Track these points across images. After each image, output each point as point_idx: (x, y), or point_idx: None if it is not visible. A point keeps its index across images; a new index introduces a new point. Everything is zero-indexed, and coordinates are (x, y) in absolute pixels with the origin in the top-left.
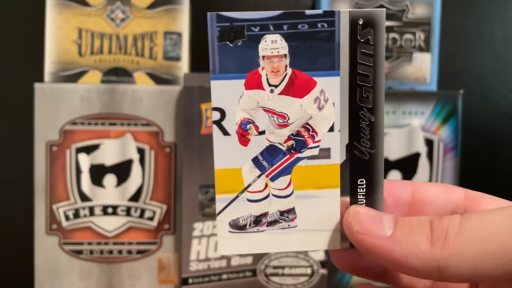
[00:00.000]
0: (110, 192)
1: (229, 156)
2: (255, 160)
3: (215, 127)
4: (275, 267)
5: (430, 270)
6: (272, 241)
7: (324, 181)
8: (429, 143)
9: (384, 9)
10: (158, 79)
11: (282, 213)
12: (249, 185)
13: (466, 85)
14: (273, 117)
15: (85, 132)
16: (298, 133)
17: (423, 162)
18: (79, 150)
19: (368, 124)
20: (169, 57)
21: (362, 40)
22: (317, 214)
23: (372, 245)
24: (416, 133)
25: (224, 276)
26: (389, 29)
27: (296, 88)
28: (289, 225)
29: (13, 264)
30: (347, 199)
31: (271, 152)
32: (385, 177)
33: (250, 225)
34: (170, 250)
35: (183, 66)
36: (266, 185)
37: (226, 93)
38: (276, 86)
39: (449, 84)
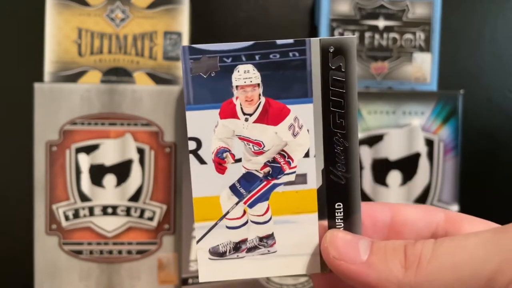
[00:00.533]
0: (110, 192)
1: (207, 184)
2: (232, 188)
3: (191, 156)
4: None
5: None
6: (252, 267)
7: (301, 206)
8: (429, 143)
9: (355, 36)
10: (158, 79)
11: (261, 239)
12: (228, 212)
13: (466, 85)
14: (249, 145)
15: (85, 132)
16: (274, 160)
17: (423, 162)
18: (79, 150)
19: (343, 149)
20: (169, 57)
21: (334, 67)
22: (296, 239)
23: (348, 270)
24: (416, 133)
25: None
26: (389, 29)
27: (270, 116)
28: (268, 251)
29: (13, 264)
30: (325, 223)
31: (248, 179)
32: (384, 178)
33: (230, 251)
34: (170, 250)
35: None
36: (245, 212)
37: (201, 123)
38: (250, 115)
39: (449, 84)
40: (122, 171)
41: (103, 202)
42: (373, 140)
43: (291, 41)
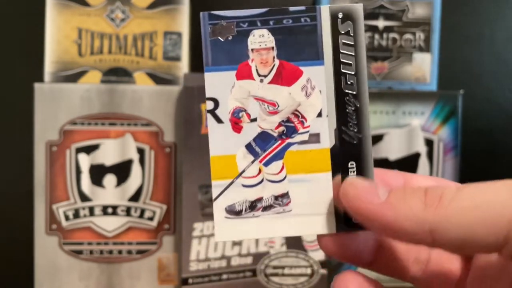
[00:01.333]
0: (110, 192)
1: (224, 143)
2: (248, 146)
3: (209, 115)
4: (275, 267)
5: (422, 233)
6: (268, 226)
7: (315, 165)
8: (429, 143)
9: (361, 4)
10: (158, 79)
11: (276, 197)
12: (243, 170)
13: (466, 85)
14: (264, 105)
15: (85, 132)
16: (288, 120)
17: (423, 162)
18: (79, 150)
19: (354, 109)
20: (169, 57)
21: (343, 32)
22: (310, 198)
23: (366, 210)
24: (416, 133)
25: (224, 276)
26: (389, 29)
27: (284, 77)
28: (283, 210)
29: (13, 264)
30: (339, 180)
31: (263, 138)
32: None
33: (245, 210)
34: (170, 250)
35: (183, 66)
36: (260, 171)
37: (219, 84)
38: (265, 76)
39: (449, 84)
40: (122, 171)
41: (103, 202)
42: (373, 140)
43: (302, 8)
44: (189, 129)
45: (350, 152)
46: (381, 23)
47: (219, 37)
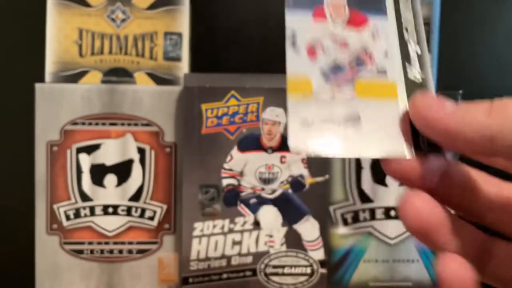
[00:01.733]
0: (110, 192)
1: (299, 67)
2: (322, 72)
3: (288, 43)
4: (275, 267)
5: (482, 140)
6: (341, 145)
7: (383, 94)
8: None
9: None
10: (158, 79)
11: (347, 118)
12: (318, 92)
13: (465, 85)
14: (336, 43)
15: (85, 132)
16: (358, 55)
17: None
18: (79, 150)
19: (417, 55)
20: (170, 58)
21: None
22: (380, 122)
23: (432, 119)
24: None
25: (224, 276)
26: None
27: (353, 22)
28: (354, 130)
29: (14, 264)
30: (406, 105)
31: (335, 66)
32: (384, 178)
33: (318, 123)
34: (170, 249)
35: (183, 66)
36: (333, 93)
37: (297, 19)
38: (339, 21)
39: (448, 84)
40: (122, 171)
41: (104, 202)
42: None
43: None
44: (189, 129)
45: (414, 90)
46: None
47: None
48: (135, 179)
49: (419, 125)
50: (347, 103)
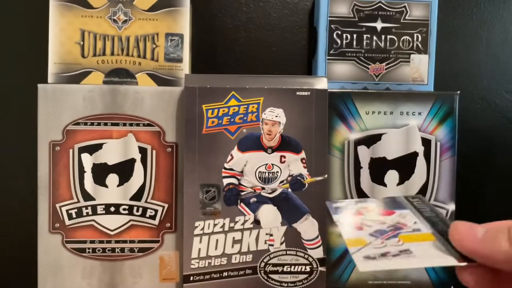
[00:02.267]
0: (112, 191)
1: (352, 234)
2: (371, 234)
3: (341, 225)
4: (274, 265)
5: (507, 261)
6: (399, 261)
7: (424, 240)
8: (426, 143)
9: None
10: (159, 80)
11: (400, 251)
12: (370, 243)
13: (463, 85)
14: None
15: (87, 132)
16: (395, 225)
17: (420, 161)
18: (82, 150)
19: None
20: (171, 58)
21: None
22: (425, 249)
23: (470, 247)
24: (413, 133)
25: (225, 274)
26: (387, 31)
27: (385, 213)
28: (409, 256)
29: (17, 262)
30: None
31: (379, 231)
32: (382, 177)
33: (378, 257)
34: (171, 248)
35: (184, 67)
36: (383, 242)
37: (343, 212)
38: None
39: (446, 84)
40: (124, 170)
41: (105, 201)
42: (371, 140)
43: None
44: (190, 129)
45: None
46: (379, 25)
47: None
48: (136, 178)
49: (462, 251)
50: (396, 244)
